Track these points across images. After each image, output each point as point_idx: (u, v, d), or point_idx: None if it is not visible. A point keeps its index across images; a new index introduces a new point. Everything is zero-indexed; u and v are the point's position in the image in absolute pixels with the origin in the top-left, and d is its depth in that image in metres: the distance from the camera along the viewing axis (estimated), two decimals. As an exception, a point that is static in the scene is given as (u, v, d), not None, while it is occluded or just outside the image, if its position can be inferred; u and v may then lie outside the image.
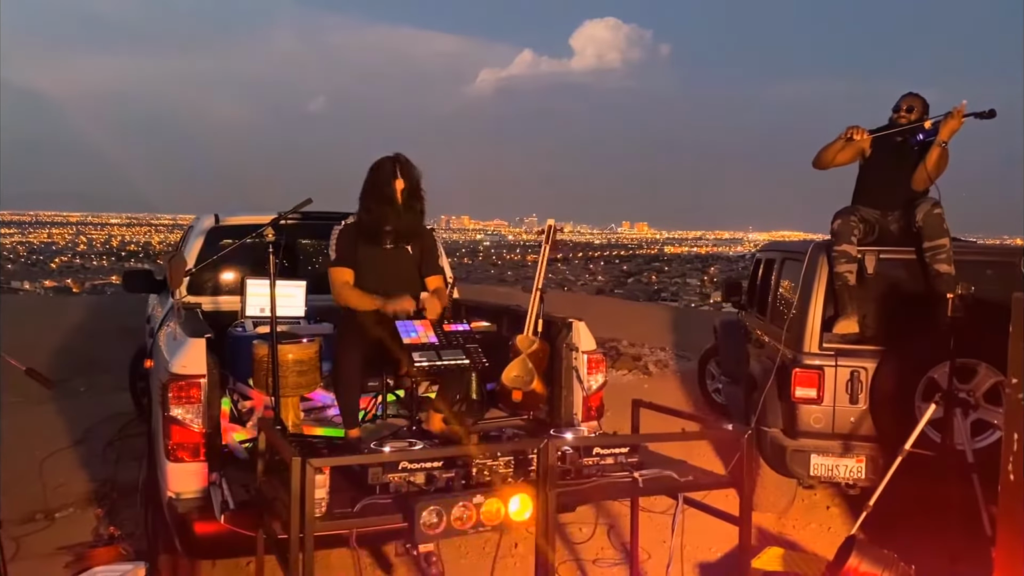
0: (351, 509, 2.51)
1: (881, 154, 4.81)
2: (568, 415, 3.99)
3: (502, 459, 2.72)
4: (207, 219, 5.15)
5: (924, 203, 4.53)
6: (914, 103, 4.77)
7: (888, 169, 4.75)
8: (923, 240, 4.46)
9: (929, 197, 4.61)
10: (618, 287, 41.13)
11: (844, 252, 4.53)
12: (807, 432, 4.55)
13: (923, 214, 4.46)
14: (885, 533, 4.07)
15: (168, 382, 3.25)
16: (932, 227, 4.43)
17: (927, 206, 4.49)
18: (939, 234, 4.42)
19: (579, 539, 4.33)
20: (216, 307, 4.92)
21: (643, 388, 8.41)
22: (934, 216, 4.44)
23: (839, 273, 4.52)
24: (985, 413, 4.18)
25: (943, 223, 4.45)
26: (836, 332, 4.48)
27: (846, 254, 4.53)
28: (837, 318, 4.50)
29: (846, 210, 4.70)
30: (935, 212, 4.45)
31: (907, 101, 4.79)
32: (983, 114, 4.50)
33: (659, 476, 2.98)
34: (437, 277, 4.01)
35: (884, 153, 4.80)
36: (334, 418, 4.03)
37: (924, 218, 4.45)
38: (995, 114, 4.49)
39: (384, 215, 3.78)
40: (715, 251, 60.74)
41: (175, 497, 3.26)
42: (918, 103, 4.77)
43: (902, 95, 4.86)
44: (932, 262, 4.41)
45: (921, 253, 4.48)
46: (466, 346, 3.53)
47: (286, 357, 3.61)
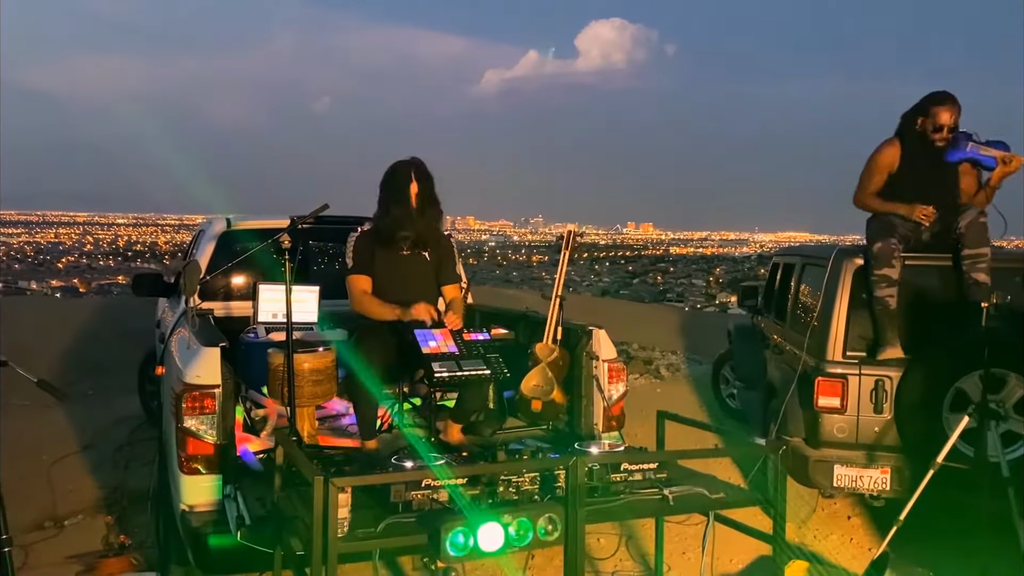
0: (374, 529, 2.43)
1: (915, 169, 4.55)
2: (589, 425, 3.91)
3: (528, 475, 2.64)
4: (218, 223, 5.06)
5: (970, 211, 4.37)
6: (955, 117, 4.38)
7: (925, 182, 4.51)
8: (963, 247, 4.32)
9: (972, 206, 4.46)
10: (624, 288, 41.05)
11: (885, 276, 4.37)
12: (830, 442, 4.46)
13: (967, 221, 4.31)
14: (912, 547, 3.97)
15: (182, 392, 3.17)
16: (975, 236, 4.30)
17: (972, 214, 4.34)
18: (981, 243, 4.30)
19: (597, 548, 4.25)
20: (228, 312, 4.84)
21: (656, 393, 8.31)
22: (978, 225, 4.31)
23: (880, 298, 4.38)
24: (1015, 424, 4.08)
25: (986, 232, 4.33)
26: (881, 358, 4.34)
27: (887, 278, 4.37)
28: (881, 345, 4.38)
29: (885, 230, 4.45)
30: (980, 221, 4.32)
31: (947, 116, 4.36)
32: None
33: (690, 493, 2.89)
34: (455, 286, 3.95)
35: (919, 168, 4.54)
36: (349, 427, 3.95)
37: (968, 226, 4.31)
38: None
39: (400, 220, 3.72)
40: (721, 252, 60.61)
41: (189, 510, 3.20)
42: (958, 112, 4.39)
43: (934, 101, 4.41)
44: (970, 270, 4.28)
45: (958, 260, 4.36)
46: (486, 356, 3.45)
47: (302, 367, 3.53)
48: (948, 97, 4.41)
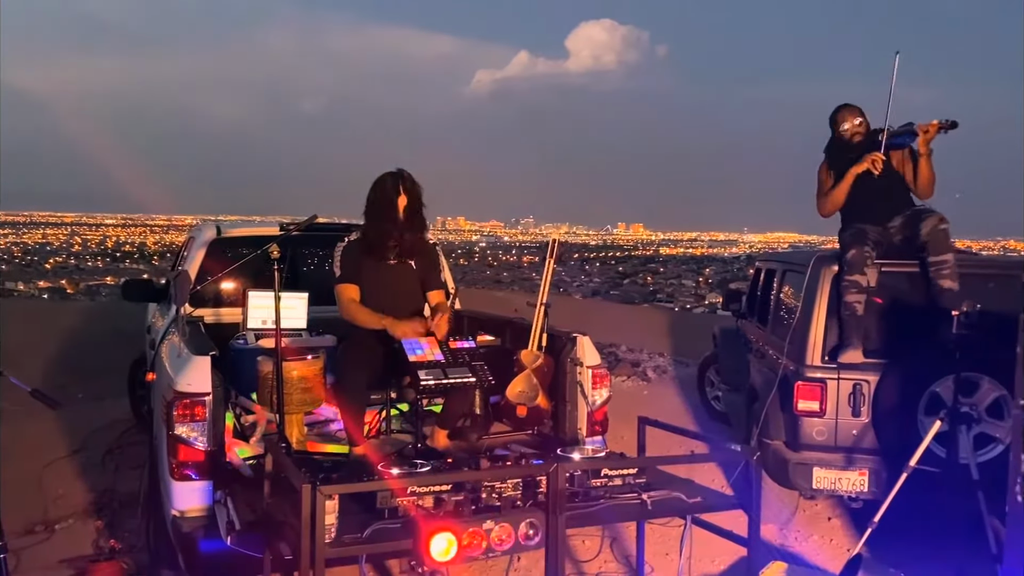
0: (360, 535, 2.50)
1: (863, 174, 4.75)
2: (573, 430, 3.99)
3: (511, 481, 2.72)
4: (208, 231, 5.12)
5: (931, 217, 4.51)
6: (855, 114, 4.82)
7: (876, 181, 4.70)
8: (928, 254, 4.45)
9: (935, 211, 4.58)
10: (614, 288, 41.16)
11: (856, 282, 4.50)
12: (809, 445, 4.55)
13: (929, 228, 4.45)
14: (888, 548, 4.07)
15: (173, 400, 3.23)
16: (937, 242, 4.42)
17: (933, 220, 4.48)
18: (944, 249, 4.42)
19: (582, 550, 4.33)
20: (217, 319, 4.90)
21: (643, 395, 8.41)
22: (940, 232, 4.43)
23: (848, 303, 4.50)
24: (987, 427, 4.19)
25: (948, 238, 4.44)
26: (841, 361, 4.48)
27: (857, 284, 4.50)
28: (843, 348, 4.50)
29: (858, 237, 4.62)
30: (941, 228, 4.44)
31: (850, 117, 4.82)
32: (951, 125, 4.58)
33: (668, 498, 2.98)
34: (440, 292, 4.02)
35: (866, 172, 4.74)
36: (338, 432, 4.02)
37: (930, 233, 4.44)
38: (957, 125, 4.57)
39: (387, 231, 3.79)
40: (710, 252, 60.84)
41: (180, 516, 3.25)
42: (858, 113, 4.83)
43: (836, 111, 4.88)
44: (936, 277, 4.40)
45: (925, 266, 4.48)
46: (472, 363, 3.52)
47: (291, 374, 3.60)
48: (846, 105, 4.91)
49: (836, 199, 4.85)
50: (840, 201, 4.84)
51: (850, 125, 4.82)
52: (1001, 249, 40.64)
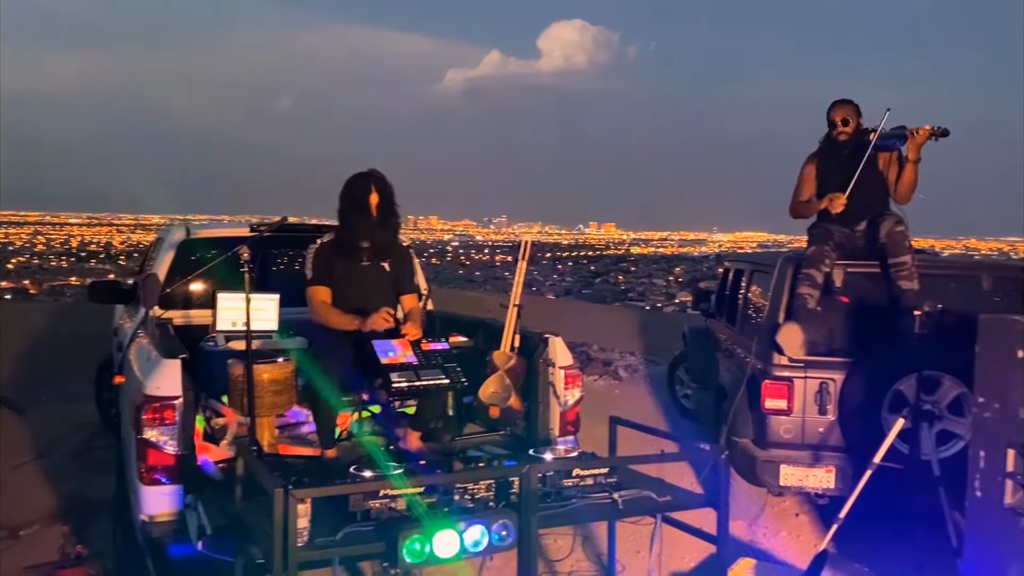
0: (334, 538, 2.51)
1: (831, 169, 4.86)
2: (545, 431, 4.01)
3: (484, 482, 2.74)
4: (177, 232, 5.06)
5: (887, 220, 4.62)
6: (847, 114, 4.83)
7: (846, 184, 4.76)
8: (887, 256, 4.56)
9: (892, 213, 4.70)
10: (586, 287, 41.34)
11: (810, 275, 4.61)
12: (777, 442, 4.63)
13: (886, 231, 4.56)
14: (853, 544, 4.15)
15: (142, 404, 3.20)
16: (895, 245, 4.53)
17: (890, 223, 4.58)
18: (902, 252, 4.52)
19: (554, 549, 4.36)
20: (187, 321, 4.85)
21: (614, 394, 8.49)
22: (896, 234, 4.54)
23: (800, 294, 4.60)
24: (949, 424, 4.29)
25: (905, 240, 4.55)
26: (779, 339, 4.50)
27: (811, 278, 4.60)
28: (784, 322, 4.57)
29: (822, 236, 4.73)
30: (897, 230, 4.55)
31: (840, 113, 4.83)
32: (942, 132, 4.61)
33: (638, 497, 3.02)
34: (412, 296, 4.03)
35: (837, 170, 4.83)
36: (309, 435, 4.00)
37: (887, 235, 4.55)
38: (949, 133, 4.60)
39: (360, 232, 3.78)
40: (680, 252, 61.35)
41: (149, 520, 3.22)
42: (851, 111, 4.84)
43: (830, 107, 4.88)
44: (896, 278, 4.51)
45: (886, 268, 4.57)
46: (445, 365, 3.53)
47: (262, 377, 3.58)
48: (840, 101, 4.90)
49: (804, 213, 4.95)
50: (807, 216, 4.94)
51: (838, 117, 4.83)
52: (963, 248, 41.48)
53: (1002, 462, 2.88)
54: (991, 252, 44.38)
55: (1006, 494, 2.87)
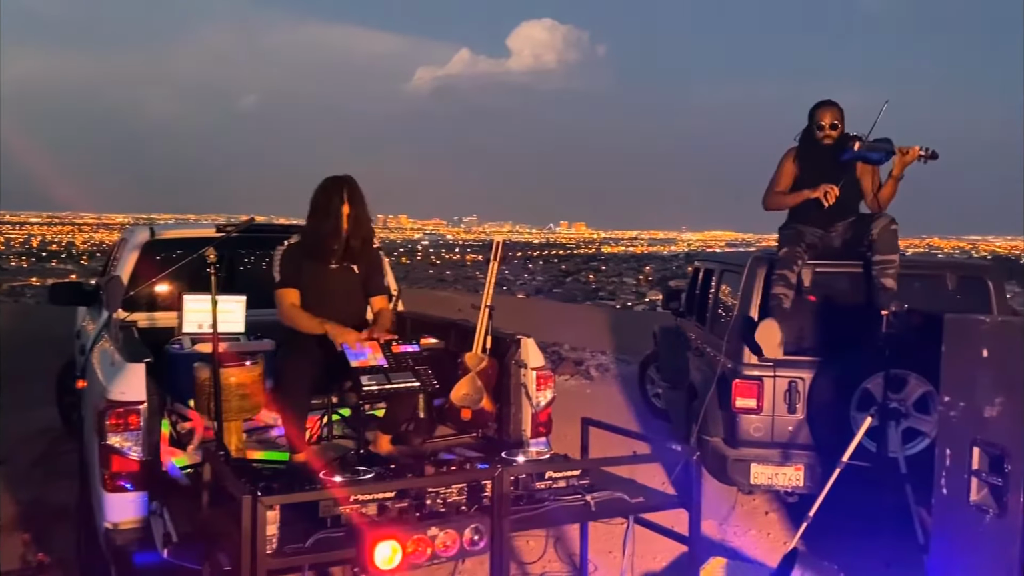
0: (303, 544, 2.47)
1: (812, 168, 4.85)
2: (517, 432, 4.00)
3: (455, 486, 2.71)
4: (141, 233, 4.97)
5: (882, 218, 4.63)
6: (836, 118, 4.80)
7: (821, 183, 4.74)
8: (874, 253, 4.56)
9: (886, 214, 4.71)
10: (557, 286, 41.49)
11: (783, 276, 4.63)
12: (747, 441, 4.66)
13: (880, 228, 4.56)
14: (822, 541, 4.19)
15: (105, 409, 3.13)
16: (886, 243, 4.55)
17: (884, 221, 4.60)
18: (891, 250, 4.55)
19: (526, 551, 4.35)
20: (152, 323, 4.76)
21: (585, 394, 8.51)
22: (890, 232, 4.56)
23: (774, 294, 4.63)
24: (915, 422, 4.34)
25: (896, 239, 4.57)
26: (756, 337, 4.53)
27: (785, 278, 4.63)
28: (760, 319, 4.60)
29: (793, 237, 4.75)
30: (891, 228, 4.57)
31: (828, 116, 4.79)
32: (931, 155, 4.63)
33: (610, 498, 3.02)
34: (382, 297, 3.97)
35: (815, 167, 4.83)
36: (278, 439, 3.95)
37: (880, 232, 4.56)
38: (938, 156, 4.63)
39: (330, 238, 3.72)
40: (650, 251, 61.81)
41: (113, 528, 3.16)
42: (839, 116, 4.81)
43: (817, 106, 4.85)
44: (880, 275, 4.52)
45: (868, 265, 4.60)
46: (415, 368, 3.50)
47: (229, 380, 3.52)
48: (828, 101, 4.87)
49: (782, 204, 4.93)
50: (784, 207, 4.94)
51: (826, 120, 4.79)
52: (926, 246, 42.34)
53: (967, 460, 2.91)
54: (953, 251, 45.39)
55: (971, 491, 2.90)
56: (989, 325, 2.94)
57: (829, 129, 4.80)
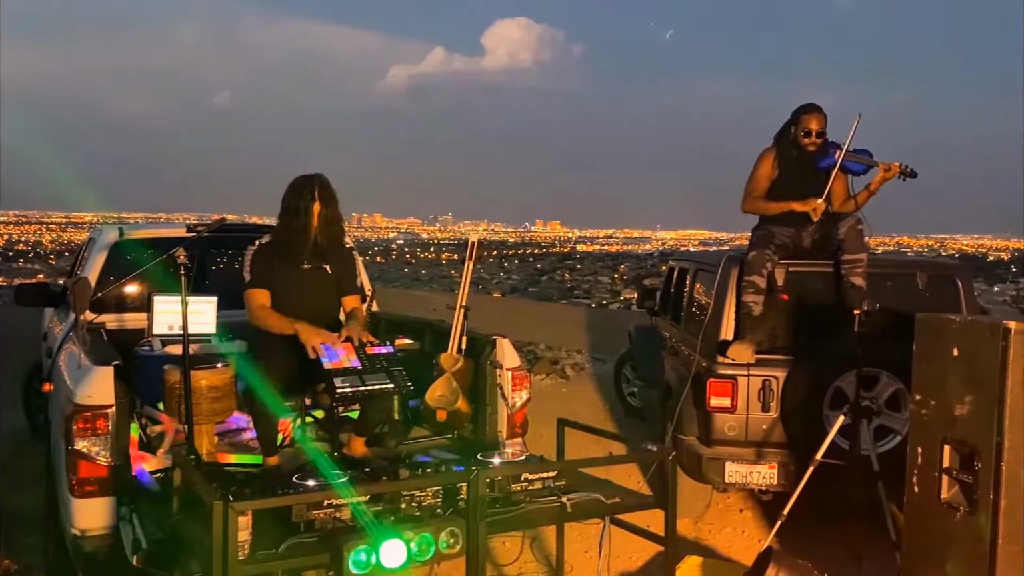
0: (276, 551, 2.43)
1: (792, 173, 4.85)
2: (493, 433, 3.98)
3: (430, 489, 2.69)
4: (110, 233, 4.88)
5: (849, 218, 4.66)
6: (822, 124, 4.76)
7: (801, 188, 4.79)
8: (842, 253, 4.60)
9: (852, 212, 4.73)
10: (532, 285, 41.53)
11: (753, 283, 4.64)
12: (722, 440, 4.68)
13: (846, 228, 4.59)
14: (796, 538, 4.22)
15: (72, 414, 3.07)
16: (853, 242, 4.58)
17: (851, 221, 4.63)
18: (859, 249, 4.58)
19: (502, 552, 4.34)
20: (121, 325, 4.68)
21: (561, 393, 8.52)
22: (856, 231, 4.59)
23: (745, 302, 4.64)
24: (887, 419, 4.39)
25: (863, 238, 4.60)
26: (729, 355, 4.57)
27: (754, 285, 4.63)
28: (734, 340, 4.62)
29: (763, 239, 4.75)
30: (858, 228, 4.60)
31: (815, 122, 4.74)
32: (911, 174, 4.68)
33: (586, 500, 3.01)
34: (355, 297, 3.91)
35: (795, 172, 4.84)
36: (250, 442, 3.89)
37: (847, 232, 4.59)
38: (917, 175, 4.68)
39: (301, 238, 3.65)
40: (625, 249, 62.08)
41: (81, 535, 3.10)
42: (824, 122, 4.77)
43: (803, 110, 4.79)
44: (848, 275, 4.56)
45: (837, 265, 4.63)
46: (390, 369, 3.46)
47: (200, 383, 3.46)
48: (815, 106, 4.82)
49: (762, 210, 4.89)
50: (764, 213, 4.89)
51: (812, 127, 4.73)
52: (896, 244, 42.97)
53: (938, 458, 2.95)
54: (922, 249, 46.14)
55: (942, 489, 2.94)
56: (959, 325, 2.97)
57: (816, 136, 4.75)
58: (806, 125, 4.76)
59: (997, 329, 2.75)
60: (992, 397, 2.75)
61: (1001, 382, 2.72)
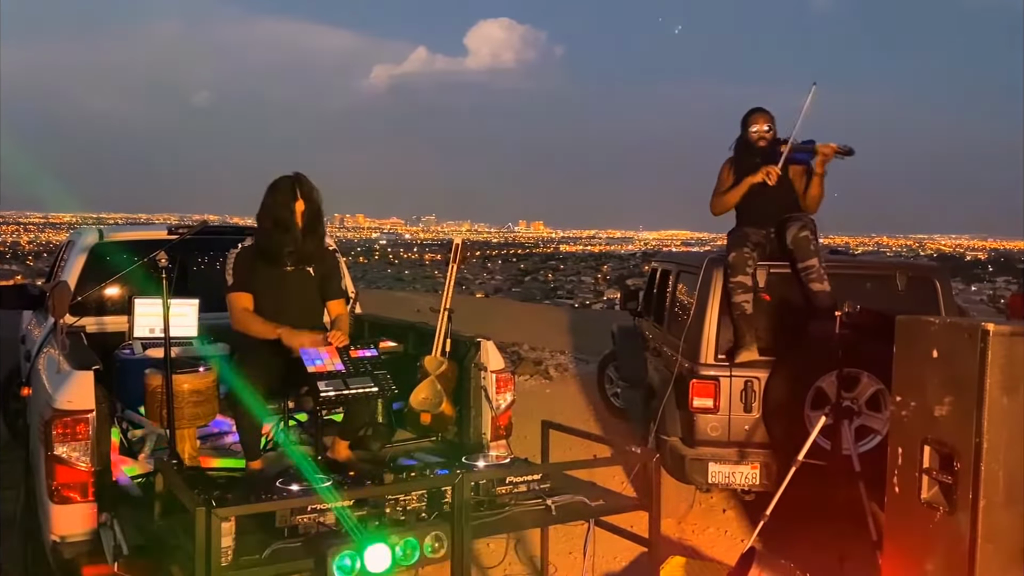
0: (259, 556, 2.41)
1: (748, 171, 4.96)
2: (477, 436, 3.97)
3: (415, 493, 2.68)
4: (89, 235, 4.81)
5: (792, 226, 4.73)
6: (767, 122, 5.00)
7: (767, 191, 4.89)
8: (796, 261, 4.69)
9: (797, 218, 4.81)
10: (516, 285, 41.50)
11: (741, 283, 4.68)
12: (705, 441, 4.70)
13: (791, 237, 4.69)
14: (779, 537, 4.25)
15: (52, 419, 3.03)
16: (801, 249, 4.67)
17: (794, 229, 4.71)
18: (808, 255, 4.65)
19: (487, 555, 4.33)
20: (101, 328, 4.63)
21: (545, 394, 8.52)
22: (801, 239, 4.67)
23: (736, 303, 4.67)
24: (867, 420, 4.43)
25: (810, 244, 4.68)
26: (738, 361, 4.62)
27: (743, 285, 4.67)
28: (738, 348, 4.65)
29: (738, 240, 4.82)
30: (801, 235, 4.68)
31: (761, 121, 4.99)
32: (848, 152, 4.87)
33: (571, 502, 3.01)
34: (340, 301, 3.87)
35: (751, 170, 4.95)
36: (233, 445, 3.87)
37: (793, 241, 4.68)
38: (854, 152, 4.86)
39: (283, 239, 3.61)
40: (608, 249, 62.14)
41: (60, 541, 3.06)
42: (769, 119, 5.02)
43: (749, 114, 5.06)
44: (806, 281, 4.64)
45: (796, 272, 4.70)
46: (374, 372, 3.45)
47: (181, 387, 3.43)
48: (759, 109, 5.09)
49: (728, 202, 5.06)
50: (731, 205, 5.05)
51: (758, 129, 4.99)
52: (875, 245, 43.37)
53: (919, 458, 2.97)
54: (901, 248, 46.59)
55: (922, 489, 2.96)
56: (939, 326, 3.00)
57: (764, 132, 4.98)
58: (751, 125, 5.02)
59: (976, 331, 2.77)
60: (971, 398, 2.77)
61: (980, 383, 2.74)
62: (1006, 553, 2.77)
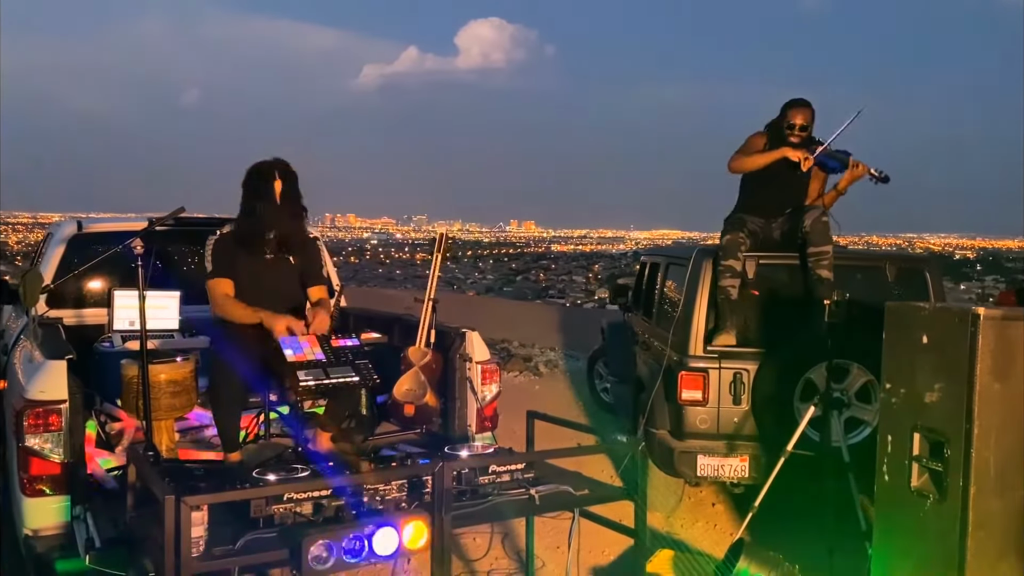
0: (232, 546, 2.35)
1: (774, 165, 4.82)
2: (462, 427, 3.92)
3: (395, 483, 2.62)
4: (68, 226, 4.75)
5: (813, 211, 4.69)
6: (807, 119, 4.78)
7: (780, 181, 4.81)
8: (808, 246, 4.61)
9: (816, 207, 4.77)
10: (507, 285, 41.49)
11: (729, 267, 4.64)
12: (693, 433, 4.66)
13: (811, 221, 4.61)
14: (768, 530, 4.21)
15: (23, 409, 2.97)
16: (818, 234, 4.59)
17: (816, 213, 4.65)
18: (824, 241, 4.59)
19: (472, 548, 4.27)
20: (80, 320, 4.56)
21: (534, 390, 8.47)
22: (821, 224, 4.61)
23: (723, 287, 4.63)
24: (857, 411, 4.40)
25: (828, 231, 4.62)
26: (715, 344, 4.60)
27: (731, 269, 4.64)
28: (717, 330, 4.62)
29: (735, 224, 4.77)
30: (822, 220, 4.62)
31: (800, 117, 4.77)
32: (882, 178, 4.76)
33: (555, 492, 2.95)
34: (321, 288, 3.80)
35: (777, 162, 4.81)
36: (212, 439, 3.80)
37: (812, 224, 4.60)
38: (888, 180, 4.75)
39: (264, 221, 3.54)
40: (599, 249, 62.25)
41: (32, 535, 3.00)
42: (810, 118, 4.80)
43: (791, 104, 4.83)
44: (815, 267, 4.57)
45: (804, 258, 4.64)
46: (355, 362, 3.38)
47: (158, 377, 3.37)
48: (802, 101, 4.86)
49: (750, 164, 4.85)
50: (752, 167, 4.84)
51: (797, 121, 4.76)
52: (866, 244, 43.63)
53: (909, 446, 2.93)
54: (890, 247, 46.85)
55: (913, 477, 2.92)
56: (929, 312, 2.96)
57: (799, 131, 4.78)
58: (791, 119, 4.80)
59: (966, 316, 2.74)
60: (961, 384, 2.73)
61: (970, 369, 2.71)
62: (998, 541, 2.74)
